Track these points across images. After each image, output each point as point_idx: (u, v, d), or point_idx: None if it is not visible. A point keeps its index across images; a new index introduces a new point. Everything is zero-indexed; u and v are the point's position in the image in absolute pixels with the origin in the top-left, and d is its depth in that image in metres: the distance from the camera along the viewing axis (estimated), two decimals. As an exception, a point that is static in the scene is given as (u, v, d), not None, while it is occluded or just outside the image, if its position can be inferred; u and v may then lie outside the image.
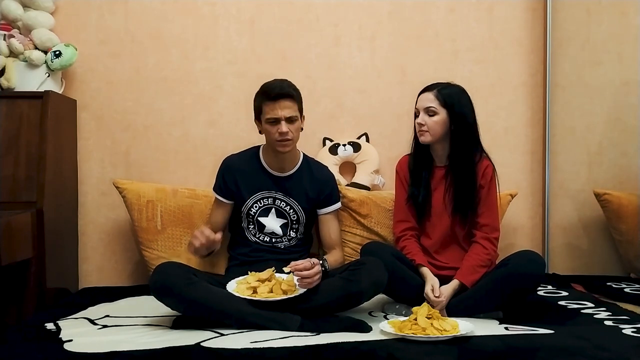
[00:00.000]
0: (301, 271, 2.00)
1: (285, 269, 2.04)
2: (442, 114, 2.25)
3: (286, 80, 2.31)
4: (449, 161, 2.30)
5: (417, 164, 2.36)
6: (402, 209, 2.37)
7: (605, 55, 3.02)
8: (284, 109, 2.24)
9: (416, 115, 2.30)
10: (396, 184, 2.43)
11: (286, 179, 2.40)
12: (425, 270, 2.21)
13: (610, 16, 3.02)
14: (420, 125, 2.27)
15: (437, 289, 2.13)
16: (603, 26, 3.03)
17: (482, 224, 2.27)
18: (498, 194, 2.33)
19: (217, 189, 2.43)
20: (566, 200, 3.03)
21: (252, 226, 2.40)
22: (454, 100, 2.26)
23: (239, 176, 2.39)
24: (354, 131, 2.92)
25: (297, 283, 2.03)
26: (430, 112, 2.26)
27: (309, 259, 2.05)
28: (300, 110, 2.31)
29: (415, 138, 2.34)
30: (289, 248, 2.40)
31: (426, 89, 2.31)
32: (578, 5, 3.02)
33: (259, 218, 2.37)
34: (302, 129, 2.36)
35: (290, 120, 2.26)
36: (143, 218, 2.58)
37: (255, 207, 2.37)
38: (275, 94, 2.24)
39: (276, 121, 2.25)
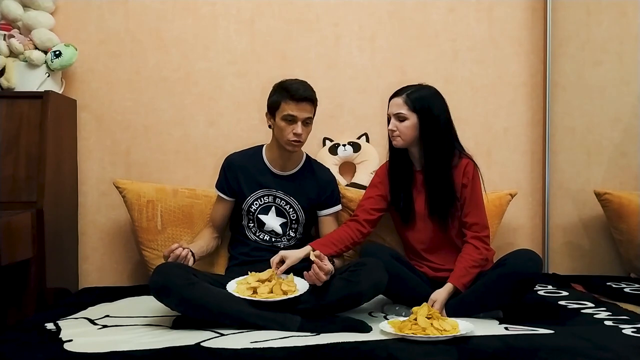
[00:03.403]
0: (320, 268, 2.00)
1: (313, 253, 2.05)
2: (412, 119, 2.22)
3: (307, 82, 2.31)
4: (424, 164, 2.29)
5: (395, 168, 2.35)
6: (365, 200, 2.38)
7: (605, 55, 3.02)
8: (304, 112, 2.25)
9: (388, 121, 2.29)
10: (370, 183, 2.44)
11: (288, 178, 2.40)
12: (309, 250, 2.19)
13: (610, 16, 3.02)
14: (392, 131, 2.25)
15: None
16: (603, 26, 3.03)
17: (471, 223, 2.25)
18: (484, 191, 2.31)
19: (218, 185, 2.44)
20: (566, 200, 3.03)
21: (252, 224, 2.40)
22: (424, 104, 2.22)
23: (240, 173, 2.39)
24: (354, 131, 2.92)
25: (305, 273, 2.03)
26: (400, 117, 2.23)
27: (331, 265, 2.06)
28: (314, 114, 2.32)
29: (390, 143, 2.32)
30: (289, 248, 2.40)
31: (395, 94, 2.28)
32: (578, 5, 3.02)
33: (259, 216, 2.38)
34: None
35: (306, 123, 2.27)
36: (143, 218, 2.58)
37: (256, 204, 2.37)
38: (300, 96, 2.23)
39: (293, 120, 2.25)
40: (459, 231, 2.29)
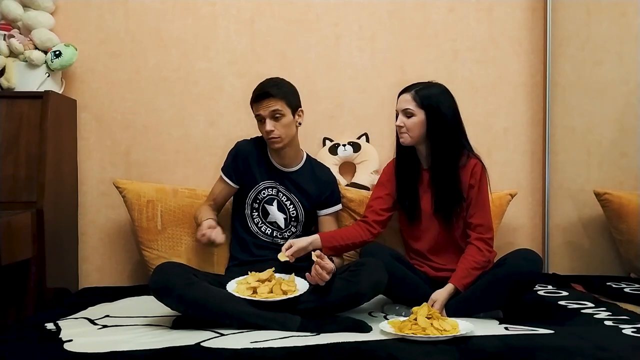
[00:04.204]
0: (322, 267, 2.00)
1: (314, 253, 2.04)
2: (420, 115, 2.22)
3: (276, 78, 2.33)
4: (431, 163, 2.28)
5: (402, 166, 2.34)
6: (374, 201, 2.37)
7: (605, 55, 3.02)
8: (266, 108, 2.26)
9: (397, 117, 2.29)
10: (377, 181, 2.44)
11: (289, 174, 2.41)
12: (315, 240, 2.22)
13: (610, 16, 3.02)
14: (400, 127, 2.25)
15: None
16: (603, 26, 3.03)
17: (475, 224, 2.25)
18: (490, 192, 2.31)
19: (225, 170, 2.44)
20: (566, 200, 3.03)
21: (256, 213, 2.40)
22: (432, 101, 2.22)
23: (251, 159, 2.40)
24: (354, 131, 2.92)
25: (308, 275, 2.03)
26: (408, 113, 2.23)
27: (333, 265, 2.05)
28: (290, 106, 2.30)
29: (398, 140, 2.31)
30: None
31: (404, 90, 2.28)
32: (578, 5, 3.02)
33: (265, 205, 2.38)
34: (299, 124, 2.36)
35: (274, 117, 2.27)
36: (143, 218, 2.58)
37: (264, 192, 2.38)
38: (256, 94, 2.29)
39: (262, 120, 2.28)
40: (463, 232, 2.29)
